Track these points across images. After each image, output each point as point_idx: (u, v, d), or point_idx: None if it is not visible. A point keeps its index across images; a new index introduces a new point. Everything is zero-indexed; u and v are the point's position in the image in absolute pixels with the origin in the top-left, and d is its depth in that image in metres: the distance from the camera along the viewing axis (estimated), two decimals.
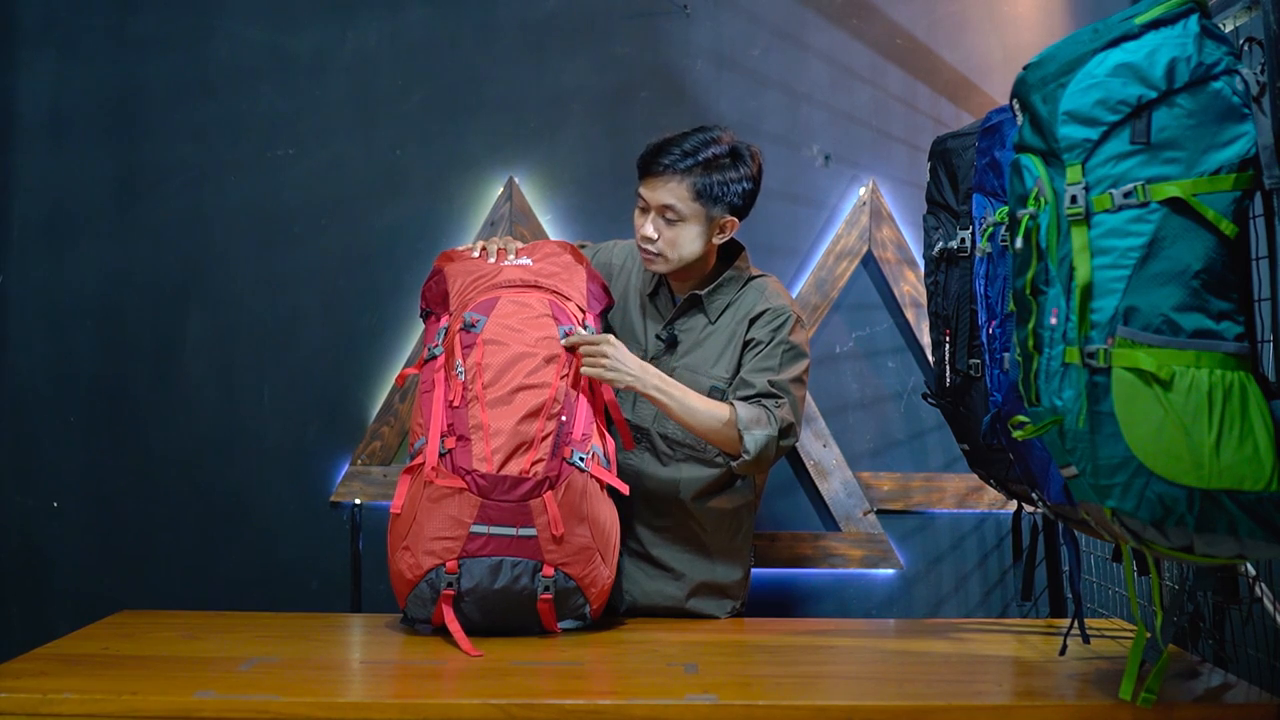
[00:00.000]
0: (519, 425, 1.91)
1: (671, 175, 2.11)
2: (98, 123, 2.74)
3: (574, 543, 1.92)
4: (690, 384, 2.13)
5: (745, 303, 2.21)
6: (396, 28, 2.76)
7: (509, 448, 1.90)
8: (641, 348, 2.23)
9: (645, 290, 2.27)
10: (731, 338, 2.18)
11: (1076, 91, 1.46)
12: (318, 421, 2.71)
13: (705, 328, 2.20)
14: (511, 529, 1.89)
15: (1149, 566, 1.67)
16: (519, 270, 2.07)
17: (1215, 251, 1.42)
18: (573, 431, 1.95)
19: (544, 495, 1.89)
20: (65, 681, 1.64)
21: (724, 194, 2.13)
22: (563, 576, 1.92)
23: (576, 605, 1.97)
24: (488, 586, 1.90)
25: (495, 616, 1.93)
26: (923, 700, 1.60)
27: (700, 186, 2.11)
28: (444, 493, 1.89)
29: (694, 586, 2.19)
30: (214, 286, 2.73)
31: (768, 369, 2.14)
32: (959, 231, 2.01)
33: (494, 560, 1.89)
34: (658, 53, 2.76)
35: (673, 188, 2.11)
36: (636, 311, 2.27)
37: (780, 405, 2.11)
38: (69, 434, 2.70)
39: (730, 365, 2.17)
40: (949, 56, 2.78)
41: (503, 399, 1.92)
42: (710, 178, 2.12)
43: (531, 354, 1.95)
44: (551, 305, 2.02)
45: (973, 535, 2.74)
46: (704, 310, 2.21)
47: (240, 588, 2.67)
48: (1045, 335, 1.48)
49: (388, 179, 2.75)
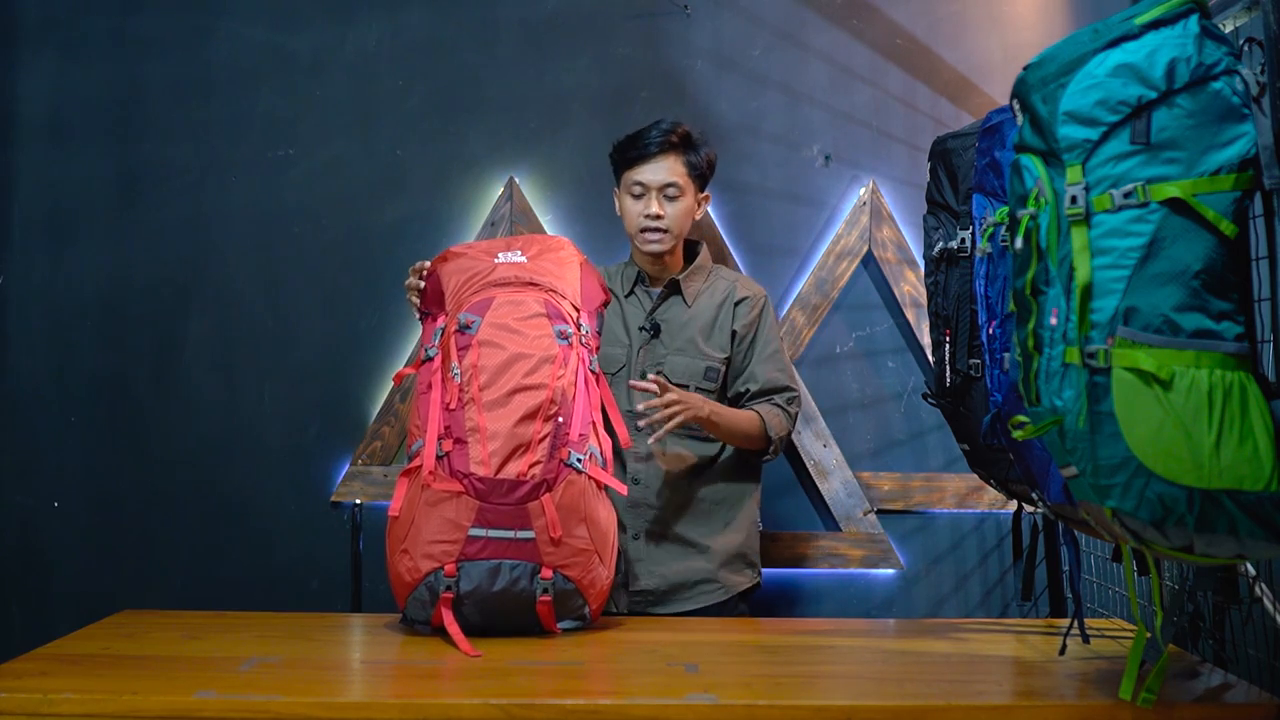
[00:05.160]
0: (516, 427, 1.90)
1: (667, 154, 2.30)
2: (98, 123, 2.74)
3: (572, 545, 1.91)
4: (685, 367, 2.31)
5: (719, 288, 2.39)
6: (396, 28, 2.76)
7: (506, 450, 1.89)
8: (624, 344, 2.35)
9: (623, 291, 2.40)
10: (715, 320, 2.35)
11: (1076, 92, 1.46)
12: (318, 421, 2.71)
13: (684, 314, 2.35)
14: (510, 532, 1.89)
15: (1149, 566, 1.67)
16: (514, 268, 2.05)
17: (1215, 251, 1.42)
18: (570, 432, 1.94)
19: (542, 498, 1.89)
20: (65, 681, 1.64)
21: (705, 170, 2.36)
22: (561, 579, 1.92)
23: (576, 606, 1.96)
24: (486, 589, 1.89)
25: (494, 618, 1.92)
26: (923, 700, 1.60)
27: (691, 162, 2.32)
28: (441, 496, 1.89)
29: (723, 558, 2.30)
30: (214, 286, 2.73)
31: (772, 357, 2.34)
32: (959, 231, 2.01)
33: (492, 563, 1.89)
34: (658, 53, 2.76)
35: (670, 165, 2.30)
36: (612, 317, 2.37)
37: (793, 400, 2.34)
38: (69, 434, 2.70)
39: (720, 345, 2.34)
40: (949, 56, 2.78)
41: (499, 401, 1.92)
42: (698, 155, 2.34)
43: (528, 355, 1.94)
44: (546, 304, 2.01)
45: (973, 535, 2.74)
46: (682, 296, 2.36)
47: (240, 588, 2.67)
48: (1045, 335, 1.47)
49: (388, 179, 2.75)
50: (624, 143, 2.33)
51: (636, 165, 2.31)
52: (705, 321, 2.34)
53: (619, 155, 2.34)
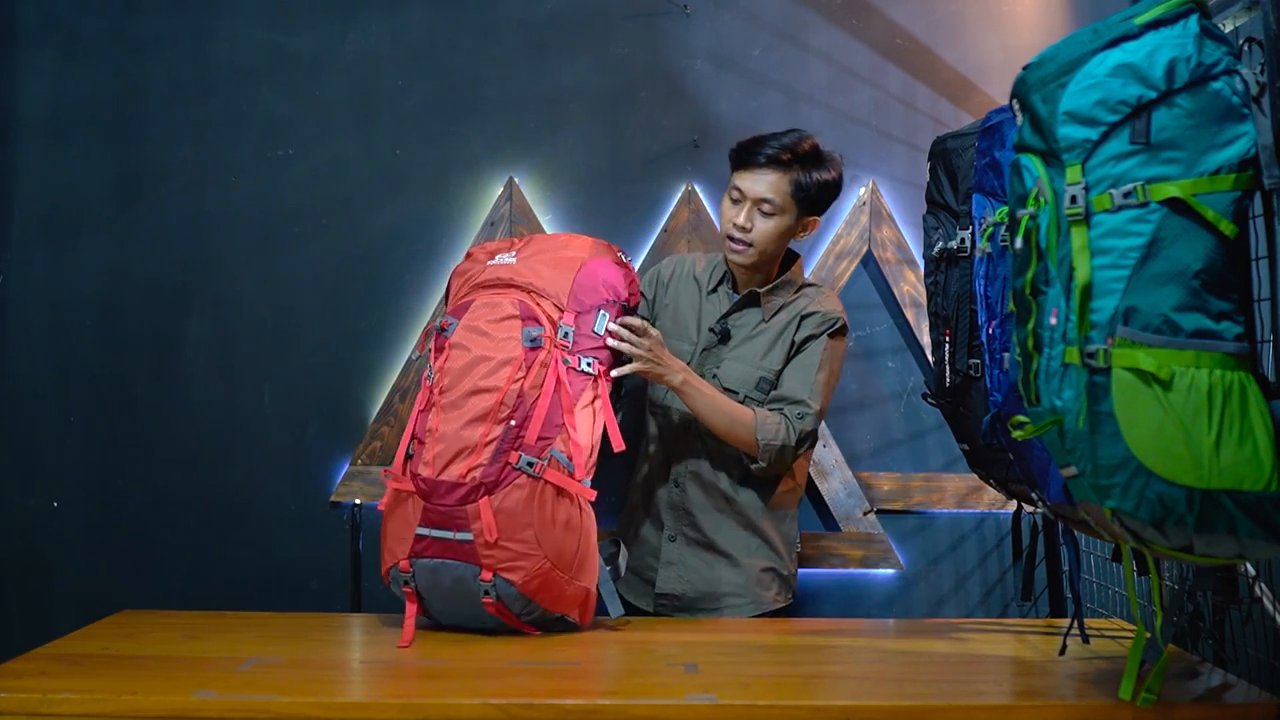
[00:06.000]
0: (463, 430, 1.94)
1: (773, 168, 2.20)
2: (98, 123, 2.74)
3: (512, 549, 1.91)
4: (740, 374, 2.24)
5: (799, 305, 2.29)
6: (397, 28, 2.76)
7: (450, 453, 1.94)
8: (692, 341, 2.31)
9: (706, 286, 2.34)
10: (782, 333, 2.26)
11: (1076, 91, 1.46)
12: (318, 421, 2.71)
13: (758, 324, 2.28)
14: (449, 533, 1.93)
15: (1149, 566, 1.67)
16: (500, 269, 2.08)
17: (1215, 251, 1.42)
18: (526, 435, 1.94)
19: (480, 501, 1.91)
20: (65, 681, 1.64)
21: (815, 193, 2.22)
22: (503, 582, 1.92)
23: (531, 611, 1.95)
24: (436, 587, 1.96)
25: (458, 614, 1.98)
26: (922, 700, 1.60)
27: (799, 183, 2.20)
28: (400, 496, 1.99)
29: (755, 574, 2.26)
30: (214, 286, 2.73)
31: (805, 370, 2.23)
32: (959, 231, 2.01)
33: (435, 562, 1.95)
34: (658, 53, 2.76)
35: (773, 181, 2.20)
36: (689, 310, 2.33)
37: (804, 416, 2.19)
38: (69, 434, 2.70)
39: (779, 359, 2.25)
40: (949, 56, 2.78)
41: (455, 403, 1.96)
42: (810, 176, 2.21)
43: (489, 357, 1.97)
44: (520, 305, 2.01)
45: (973, 535, 2.74)
46: (760, 308, 2.29)
47: (240, 588, 2.67)
48: (1045, 335, 1.48)
49: (388, 179, 2.75)
50: (742, 143, 2.23)
51: (741, 170, 2.22)
52: (773, 334, 2.26)
53: (733, 154, 2.24)
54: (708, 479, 2.26)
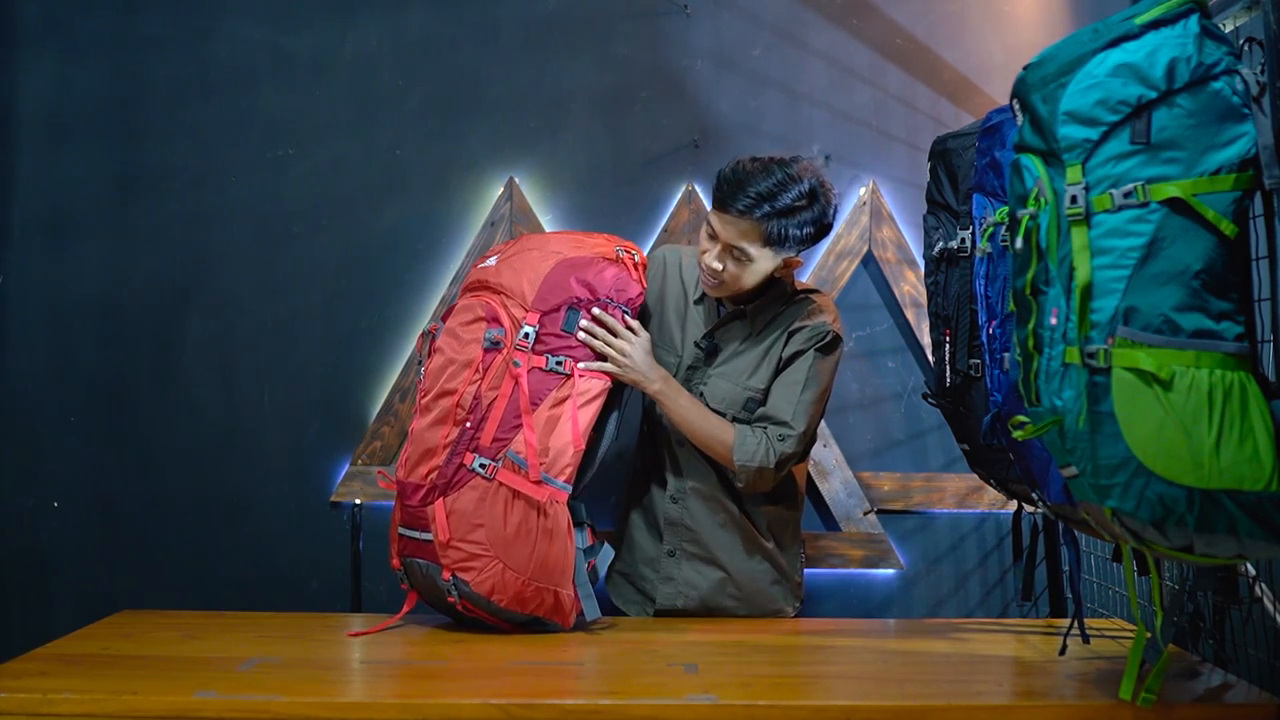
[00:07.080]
0: (427, 432, 1.99)
1: (746, 219, 2.04)
2: (98, 123, 2.74)
3: (464, 550, 1.93)
4: (726, 393, 2.17)
5: (788, 316, 2.20)
6: (397, 28, 2.76)
7: (418, 454, 2.00)
8: (677, 355, 2.24)
9: (692, 293, 2.26)
10: (769, 350, 2.19)
11: (1076, 91, 1.46)
12: (318, 421, 2.71)
13: (746, 339, 2.20)
14: (417, 532, 1.99)
15: (1149, 566, 1.67)
16: (481, 272, 2.11)
17: (1215, 251, 1.42)
18: (481, 437, 1.95)
19: (435, 502, 1.95)
20: (65, 681, 1.64)
21: (794, 237, 2.07)
22: (460, 581, 1.94)
23: (497, 611, 1.96)
24: (420, 584, 2.03)
25: (448, 611, 2.04)
26: (923, 700, 1.60)
27: (773, 232, 2.05)
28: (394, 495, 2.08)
29: (757, 585, 2.23)
30: (214, 286, 2.73)
31: (791, 388, 2.14)
32: (959, 231, 2.01)
33: (411, 561, 2.02)
34: (658, 53, 2.76)
35: (745, 230, 2.05)
36: (675, 318, 2.26)
37: (785, 439, 2.12)
38: (69, 434, 2.70)
39: (766, 377, 2.18)
40: (949, 56, 2.78)
41: (428, 406, 2.01)
42: (785, 223, 2.05)
43: (454, 360, 2.00)
44: (487, 307, 2.02)
45: (973, 535, 2.74)
46: (748, 322, 2.21)
47: (240, 588, 2.67)
48: (1045, 335, 1.48)
49: (388, 179, 2.75)
50: (723, 176, 2.08)
51: (716, 209, 2.08)
52: (761, 351, 2.18)
53: (715, 187, 2.09)
54: (708, 493, 2.21)
